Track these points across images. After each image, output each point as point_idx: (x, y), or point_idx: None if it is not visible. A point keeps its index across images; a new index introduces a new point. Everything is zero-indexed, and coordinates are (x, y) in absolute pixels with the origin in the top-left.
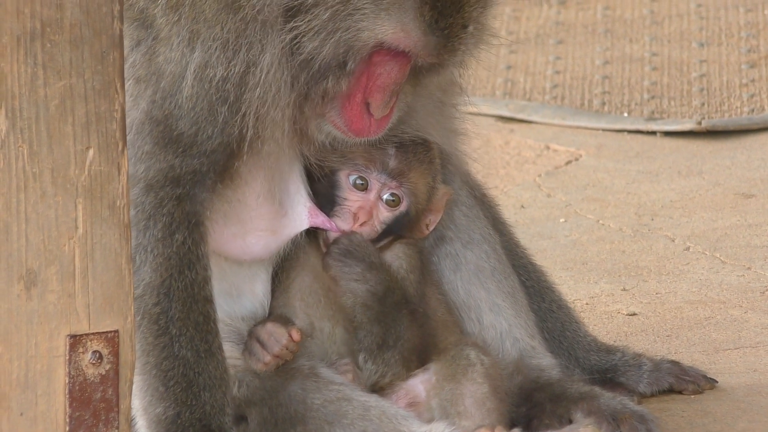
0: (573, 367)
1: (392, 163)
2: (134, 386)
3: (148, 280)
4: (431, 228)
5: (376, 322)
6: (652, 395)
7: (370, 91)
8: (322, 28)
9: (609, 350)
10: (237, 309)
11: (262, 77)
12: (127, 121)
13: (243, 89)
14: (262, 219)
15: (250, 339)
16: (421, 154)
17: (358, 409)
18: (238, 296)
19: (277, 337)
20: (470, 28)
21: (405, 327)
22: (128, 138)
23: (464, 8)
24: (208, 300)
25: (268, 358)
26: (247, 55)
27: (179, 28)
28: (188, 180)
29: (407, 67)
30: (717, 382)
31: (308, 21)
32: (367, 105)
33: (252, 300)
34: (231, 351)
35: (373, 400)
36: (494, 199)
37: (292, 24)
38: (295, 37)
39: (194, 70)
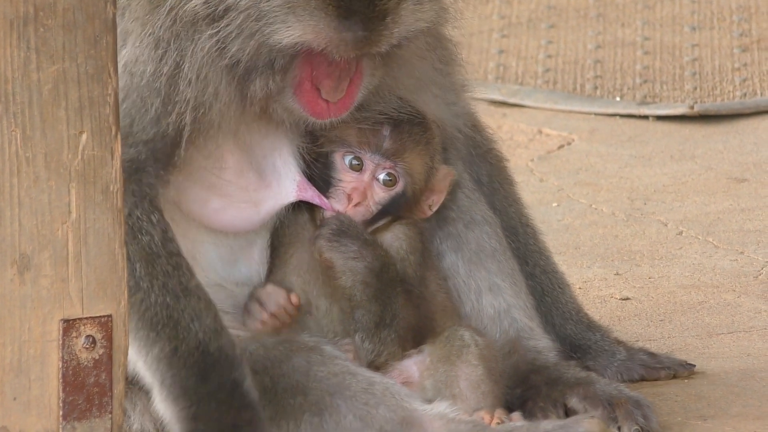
0: (548, 332)
1: (387, 143)
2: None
3: None
4: (434, 208)
5: (374, 300)
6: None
7: (317, 79)
8: (238, 32)
9: (590, 326)
10: (234, 275)
11: (193, 78)
12: None
13: (175, 87)
14: (242, 191)
15: (249, 300)
16: (417, 135)
17: (362, 383)
18: (234, 262)
19: (275, 297)
20: (388, 19)
21: (401, 305)
22: None
23: (374, 2)
24: (174, 253)
25: (265, 315)
26: (176, 56)
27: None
28: (126, 167)
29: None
30: (695, 366)
31: (225, 26)
32: (319, 90)
33: (248, 267)
34: (230, 322)
35: (377, 377)
36: (501, 155)
37: (211, 30)
38: (218, 41)
39: (125, 65)
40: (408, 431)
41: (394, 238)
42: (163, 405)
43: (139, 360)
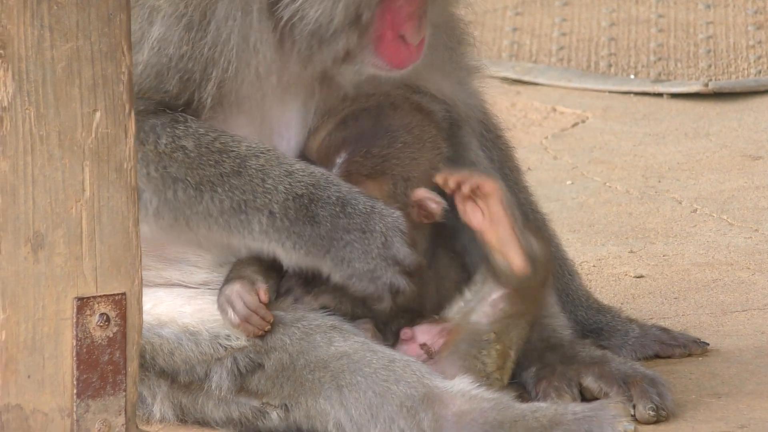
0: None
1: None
2: (221, 239)
3: (153, 186)
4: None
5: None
6: (637, 361)
7: (400, 24)
8: None
9: (600, 310)
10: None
11: (234, 56)
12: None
13: (206, 68)
14: None
15: (220, 297)
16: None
17: (382, 360)
18: None
19: (245, 297)
20: None
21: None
22: None
23: None
24: (211, 142)
25: (236, 321)
26: (215, 36)
27: (143, 3)
28: (138, 117)
29: None
30: (708, 344)
31: None
32: (402, 36)
33: None
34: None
35: (398, 354)
36: (509, 142)
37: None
38: (296, 10)
39: (153, 43)
40: (429, 408)
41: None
42: (302, 264)
43: (248, 243)
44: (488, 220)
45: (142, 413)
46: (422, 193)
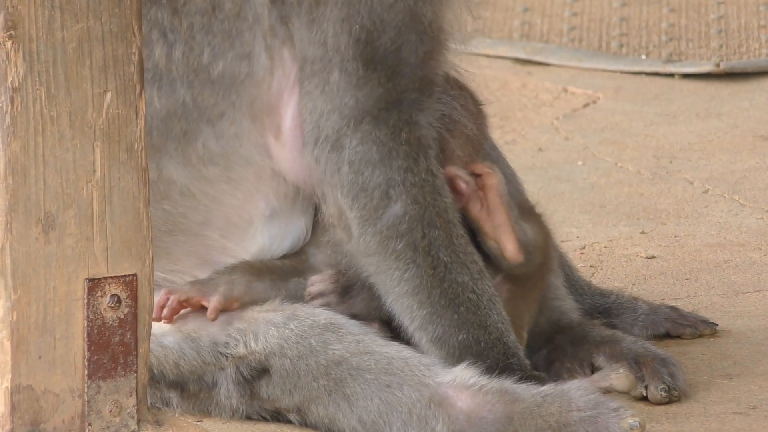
0: None
1: None
2: (421, 319)
3: (411, 213)
4: None
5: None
6: (648, 340)
7: None
8: None
9: (603, 294)
10: None
11: None
12: (327, 45)
13: None
14: None
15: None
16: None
17: (381, 363)
18: None
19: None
20: None
21: None
22: (337, 64)
23: None
24: (459, 223)
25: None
26: None
27: None
28: (409, 104)
29: None
30: (717, 325)
31: None
32: None
33: None
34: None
35: (394, 350)
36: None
37: None
38: None
39: None
40: (438, 411)
41: None
42: None
43: (440, 348)
44: (485, 210)
45: None
46: (453, 170)
